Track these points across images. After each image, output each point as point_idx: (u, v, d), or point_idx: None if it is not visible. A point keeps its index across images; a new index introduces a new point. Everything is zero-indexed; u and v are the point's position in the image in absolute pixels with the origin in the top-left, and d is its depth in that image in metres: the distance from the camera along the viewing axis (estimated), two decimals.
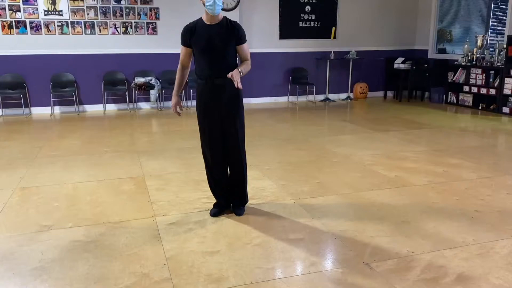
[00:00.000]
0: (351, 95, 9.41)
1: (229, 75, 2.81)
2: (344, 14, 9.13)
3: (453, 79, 8.39)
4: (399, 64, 8.95)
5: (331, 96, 9.28)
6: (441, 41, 9.21)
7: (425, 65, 8.94)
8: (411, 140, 5.49)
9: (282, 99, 9.10)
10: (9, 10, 7.27)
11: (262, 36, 8.67)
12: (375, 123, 6.67)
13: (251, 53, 3.18)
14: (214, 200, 3.28)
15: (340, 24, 9.16)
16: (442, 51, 9.17)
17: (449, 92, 8.51)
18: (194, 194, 3.63)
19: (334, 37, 9.14)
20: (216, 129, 3.04)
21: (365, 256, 2.57)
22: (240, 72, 2.87)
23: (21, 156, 4.84)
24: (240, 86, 2.80)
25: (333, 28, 9.07)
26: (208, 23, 2.92)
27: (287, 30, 8.82)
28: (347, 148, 5.12)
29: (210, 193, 3.60)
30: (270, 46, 8.76)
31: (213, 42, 2.88)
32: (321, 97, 9.24)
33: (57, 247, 2.71)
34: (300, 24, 8.89)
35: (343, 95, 9.43)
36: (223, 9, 7.94)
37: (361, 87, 9.36)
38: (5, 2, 7.22)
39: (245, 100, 8.73)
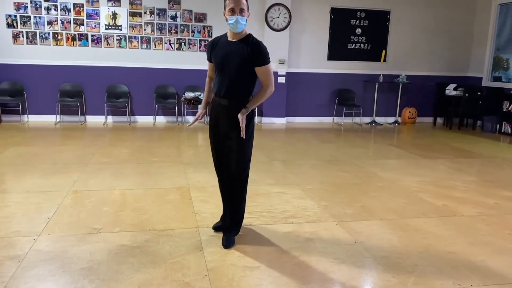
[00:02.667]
0: (399, 120, 9.24)
1: (240, 120, 2.72)
2: (395, 38, 9.05)
3: (509, 109, 8.05)
4: (450, 90, 8.71)
5: (378, 120, 9.15)
6: (497, 69, 8.89)
7: (478, 93, 8.65)
8: (461, 169, 5.30)
9: (327, 120, 9.06)
10: (74, 23, 7.76)
11: (311, 57, 8.73)
12: (423, 149, 6.50)
13: (299, 73, 3.13)
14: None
15: (391, 48, 9.08)
16: (498, 79, 8.84)
17: (503, 122, 8.17)
18: None
19: (384, 60, 9.06)
20: (220, 148, 2.95)
21: (408, 285, 2.50)
22: (247, 110, 2.74)
23: (75, 161, 5.09)
24: (243, 135, 2.70)
25: (383, 51, 9.00)
26: (230, 39, 2.78)
27: (336, 51, 8.84)
28: (392, 173, 5.02)
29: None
30: (318, 66, 8.80)
31: (228, 60, 2.74)
32: (367, 119, 9.13)
33: (105, 250, 2.82)
34: (350, 46, 8.89)
35: (390, 119, 9.28)
36: (274, 29, 8.18)
37: (409, 112, 9.17)
38: (70, 16, 7.72)
39: (290, 119, 8.80)
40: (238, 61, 2.73)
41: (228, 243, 2.93)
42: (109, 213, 3.48)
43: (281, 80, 8.44)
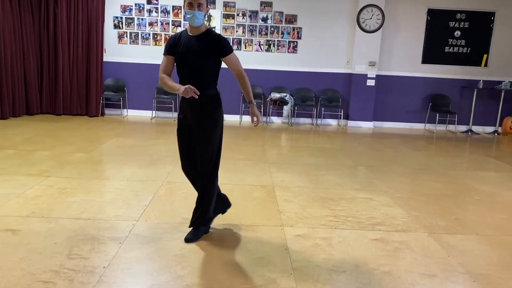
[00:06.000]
0: (499, 130, 8.52)
1: (254, 123, 2.95)
2: (499, 41, 8.37)
3: None
4: None
5: (475, 128, 8.52)
6: None
7: None
8: None
9: (418, 126, 8.64)
10: (172, 25, 8.23)
11: (404, 60, 8.38)
12: None
13: (390, 76, 3.02)
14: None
15: (494, 52, 8.41)
16: None
17: None
18: (320, 211, 3.65)
19: (485, 65, 8.41)
20: (189, 144, 2.95)
21: None
22: (254, 103, 2.97)
23: (169, 154, 5.40)
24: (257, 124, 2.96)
25: (485, 56, 8.36)
26: (191, 34, 2.83)
27: (432, 54, 8.39)
28: (491, 186, 4.65)
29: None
30: (411, 70, 8.42)
31: (191, 54, 2.78)
32: (463, 128, 8.55)
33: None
34: (447, 49, 8.39)
35: (489, 129, 8.59)
36: (366, 31, 7.99)
37: None
38: (169, 18, 8.20)
39: (377, 124, 8.53)
40: (201, 54, 2.77)
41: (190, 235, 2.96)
42: None
43: (370, 83, 8.21)
